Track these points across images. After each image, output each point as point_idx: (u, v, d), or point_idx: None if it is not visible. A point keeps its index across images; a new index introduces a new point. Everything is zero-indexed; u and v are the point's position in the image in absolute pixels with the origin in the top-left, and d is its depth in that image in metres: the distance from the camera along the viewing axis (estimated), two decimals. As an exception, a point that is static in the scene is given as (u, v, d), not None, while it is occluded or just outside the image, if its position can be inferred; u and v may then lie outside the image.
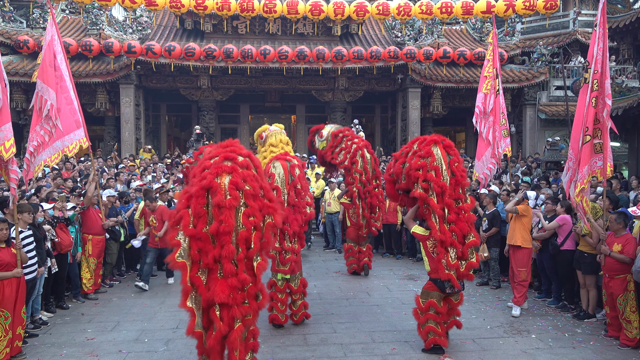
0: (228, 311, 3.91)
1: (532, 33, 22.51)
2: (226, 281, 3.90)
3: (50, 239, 6.81)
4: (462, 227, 5.34)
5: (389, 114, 22.43)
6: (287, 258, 6.28)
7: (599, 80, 5.91)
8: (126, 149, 17.88)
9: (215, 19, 18.66)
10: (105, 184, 10.33)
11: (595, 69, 5.94)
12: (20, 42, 16.61)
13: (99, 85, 17.92)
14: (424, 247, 5.59)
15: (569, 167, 6.38)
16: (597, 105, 5.93)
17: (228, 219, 3.90)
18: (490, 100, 8.24)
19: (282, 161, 6.31)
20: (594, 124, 5.97)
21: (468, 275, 5.47)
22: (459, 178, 5.47)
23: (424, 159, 5.42)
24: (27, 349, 5.75)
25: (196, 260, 3.95)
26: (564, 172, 6.71)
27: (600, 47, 5.95)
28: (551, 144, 14.84)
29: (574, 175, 6.16)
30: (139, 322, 6.76)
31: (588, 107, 5.97)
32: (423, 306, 5.54)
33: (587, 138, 5.98)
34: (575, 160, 6.18)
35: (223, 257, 3.89)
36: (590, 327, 6.49)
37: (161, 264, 9.97)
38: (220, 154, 4.21)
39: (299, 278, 6.67)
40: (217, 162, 4.14)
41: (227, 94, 19.81)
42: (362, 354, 5.61)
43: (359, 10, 17.46)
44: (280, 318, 6.42)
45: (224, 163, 4.12)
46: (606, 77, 5.95)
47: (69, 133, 7.33)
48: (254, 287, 4.06)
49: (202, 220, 3.92)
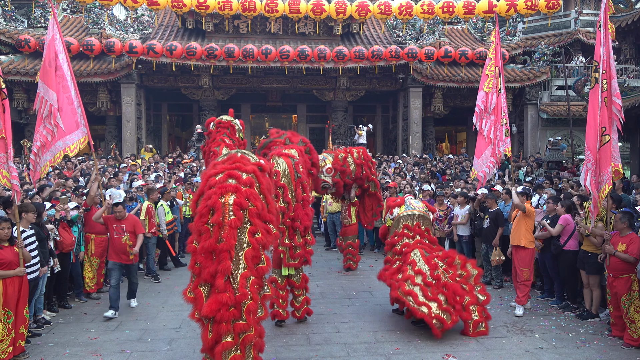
0: (217, 326, 4.01)
1: (533, 33, 22.50)
2: (217, 296, 4.01)
3: (53, 239, 6.80)
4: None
5: (390, 114, 22.41)
6: (297, 253, 6.37)
7: (608, 80, 5.91)
8: (127, 149, 17.87)
9: (217, 18, 18.64)
10: (107, 184, 10.33)
11: (603, 68, 5.93)
12: (22, 41, 16.59)
13: (100, 85, 17.90)
14: None
15: (587, 168, 6.30)
16: (609, 105, 5.92)
17: (229, 238, 4.04)
18: (492, 99, 8.21)
19: (286, 158, 6.31)
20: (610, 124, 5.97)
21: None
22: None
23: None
24: (30, 348, 5.74)
25: (197, 274, 4.12)
26: (582, 175, 6.65)
27: (605, 47, 5.94)
28: (552, 144, 14.84)
29: (596, 176, 6.09)
30: (142, 321, 6.76)
31: (601, 108, 5.95)
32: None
33: (606, 138, 5.95)
34: (593, 162, 6.14)
35: (218, 273, 4.00)
36: (593, 327, 6.48)
37: (163, 263, 9.99)
38: (225, 171, 4.29)
39: (300, 274, 6.69)
40: (222, 180, 4.22)
41: (228, 94, 19.81)
42: (366, 354, 5.60)
43: (361, 10, 17.44)
44: (282, 314, 6.46)
45: (229, 181, 4.21)
46: (612, 76, 5.94)
47: (70, 133, 7.32)
48: (254, 304, 4.12)
49: (204, 237, 4.09)
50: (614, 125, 5.97)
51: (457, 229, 9.43)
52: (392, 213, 7.14)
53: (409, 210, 6.99)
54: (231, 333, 4.03)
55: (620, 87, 11.45)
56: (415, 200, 7.28)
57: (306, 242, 6.47)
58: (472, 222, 9.25)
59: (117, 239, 6.98)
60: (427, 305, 5.95)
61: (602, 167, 5.98)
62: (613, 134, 6.01)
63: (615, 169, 6.02)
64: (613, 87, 5.91)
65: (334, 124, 19.93)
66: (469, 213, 9.26)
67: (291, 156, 6.38)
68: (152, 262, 9.26)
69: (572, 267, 7.09)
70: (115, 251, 6.99)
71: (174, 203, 10.37)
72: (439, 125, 21.43)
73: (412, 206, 7.06)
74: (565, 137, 16.83)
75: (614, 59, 6.19)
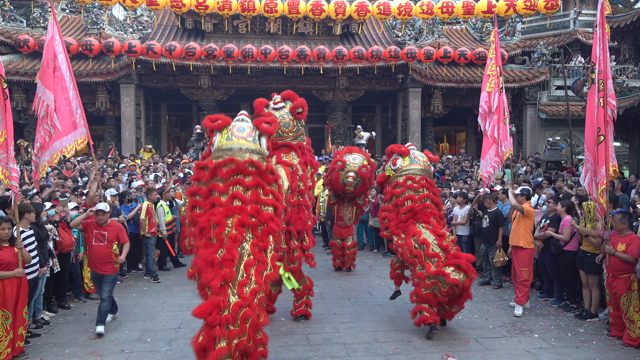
0: (209, 330, 4.00)
1: (532, 33, 22.51)
2: (211, 299, 4.03)
3: (52, 239, 6.80)
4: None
5: (389, 114, 22.42)
6: (296, 256, 6.36)
7: (604, 81, 5.93)
8: (126, 149, 17.85)
9: (216, 18, 18.65)
10: (107, 184, 10.32)
11: (599, 69, 5.95)
12: (21, 41, 16.58)
13: (100, 85, 17.89)
14: None
15: (587, 168, 6.34)
16: (605, 105, 5.94)
17: (231, 249, 4.14)
18: (494, 99, 8.22)
19: (285, 166, 6.35)
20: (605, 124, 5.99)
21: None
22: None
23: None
24: (30, 348, 5.73)
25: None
26: (582, 174, 6.67)
27: (602, 47, 5.96)
28: (551, 144, 14.85)
29: (594, 175, 6.13)
30: (141, 321, 6.75)
31: (598, 108, 5.98)
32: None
33: (600, 138, 5.97)
34: (593, 162, 6.17)
35: (217, 277, 4.04)
36: (592, 327, 6.48)
37: (162, 263, 9.99)
38: (230, 194, 4.34)
39: (303, 284, 6.74)
40: (227, 202, 4.28)
41: (227, 94, 19.80)
42: (365, 354, 5.60)
43: (360, 10, 17.43)
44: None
45: (234, 203, 4.30)
46: (608, 77, 5.96)
47: (68, 134, 7.32)
48: (250, 311, 4.09)
49: (205, 245, 4.22)
50: (608, 126, 5.98)
51: (456, 229, 9.44)
52: (395, 163, 6.75)
53: (413, 165, 6.62)
54: (225, 339, 3.96)
55: (619, 87, 11.51)
56: (419, 153, 6.91)
57: (302, 246, 6.43)
58: (471, 223, 9.26)
59: (95, 246, 6.22)
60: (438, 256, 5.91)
61: (598, 166, 6.01)
62: (609, 133, 6.02)
63: (613, 169, 6.03)
64: (608, 88, 5.93)
65: (333, 124, 19.93)
66: (468, 213, 9.27)
67: (290, 164, 6.43)
68: (152, 262, 9.26)
69: (571, 267, 7.09)
70: (93, 259, 6.28)
71: (173, 203, 10.37)
72: (438, 125, 21.42)
73: (417, 159, 6.67)
74: (564, 137, 16.85)
75: (609, 60, 6.21)
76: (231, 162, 4.38)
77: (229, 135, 4.55)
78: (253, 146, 4.56)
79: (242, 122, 4.69)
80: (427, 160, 6.77)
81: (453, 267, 5.86)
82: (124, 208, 9.29)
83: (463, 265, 5.87)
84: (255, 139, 4.62)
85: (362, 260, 10.52)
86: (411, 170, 6.57)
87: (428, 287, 5.90)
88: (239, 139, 4.52)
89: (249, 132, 4.60)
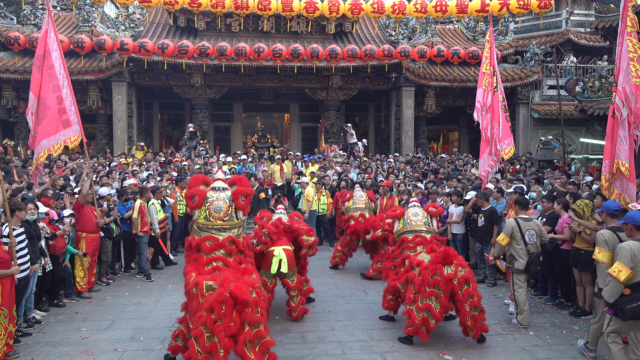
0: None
1: (525, 32, 22.64)
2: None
3: (44, 237, 6.70)
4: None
5: (382, 113, 22.44)
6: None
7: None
8: (118, 147, 17.72)
9: (209, 16, 18.55)
10: (99, 182, 10.21)
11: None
12: (11, 38, 16.42)
13: (91, 83, 17.75)
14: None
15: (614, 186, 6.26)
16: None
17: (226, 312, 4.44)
18: (487, 97, 8.24)
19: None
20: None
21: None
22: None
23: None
24: (21, 348, 5.66)
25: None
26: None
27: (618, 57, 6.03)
28: (544, 143, 14.91)
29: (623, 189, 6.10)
30: (134, 320, 6.68)
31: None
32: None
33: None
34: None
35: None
36: (587, 324, 6.48)
37: (155, 262, 9.91)
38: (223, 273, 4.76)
39: (295, 275, 6.67)
40: (221, 291, 4.42)
41: (220, 92, 19.72)
42: (361, 352, 5.58)
43: (354, 8, 17.42)
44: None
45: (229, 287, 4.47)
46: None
47: (56, 133, 7.29)
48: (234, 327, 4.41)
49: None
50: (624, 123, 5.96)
51: (451, 227, 9.44)
52: (393, 227, 6.84)
53: (407, 227, 6.53)
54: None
55: (610, 87, 11.56)
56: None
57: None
58: (467, 223, 9.26)
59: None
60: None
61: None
62: (621, 131, 5.98)
63: (616, 167, 6.01)
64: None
65: (326, 123, 19.92)
66: (463, 212, 9.27)
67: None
68: (144, 261, 9.18)
69: (566, 265, 7.10)
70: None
71: (165, 202, 10.28)
72: (431, 124, 21.48)
73: (410, 220, 6.55)
74: (556, 136, 16.92)
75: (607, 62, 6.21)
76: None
77: (206, 215, 5.11)
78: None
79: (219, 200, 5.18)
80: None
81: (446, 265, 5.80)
82: (120, 206, 9.21)
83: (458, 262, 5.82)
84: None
85: (356, 259, 10.50)
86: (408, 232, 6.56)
87: (427, 296, 5.61)
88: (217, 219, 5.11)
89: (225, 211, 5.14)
